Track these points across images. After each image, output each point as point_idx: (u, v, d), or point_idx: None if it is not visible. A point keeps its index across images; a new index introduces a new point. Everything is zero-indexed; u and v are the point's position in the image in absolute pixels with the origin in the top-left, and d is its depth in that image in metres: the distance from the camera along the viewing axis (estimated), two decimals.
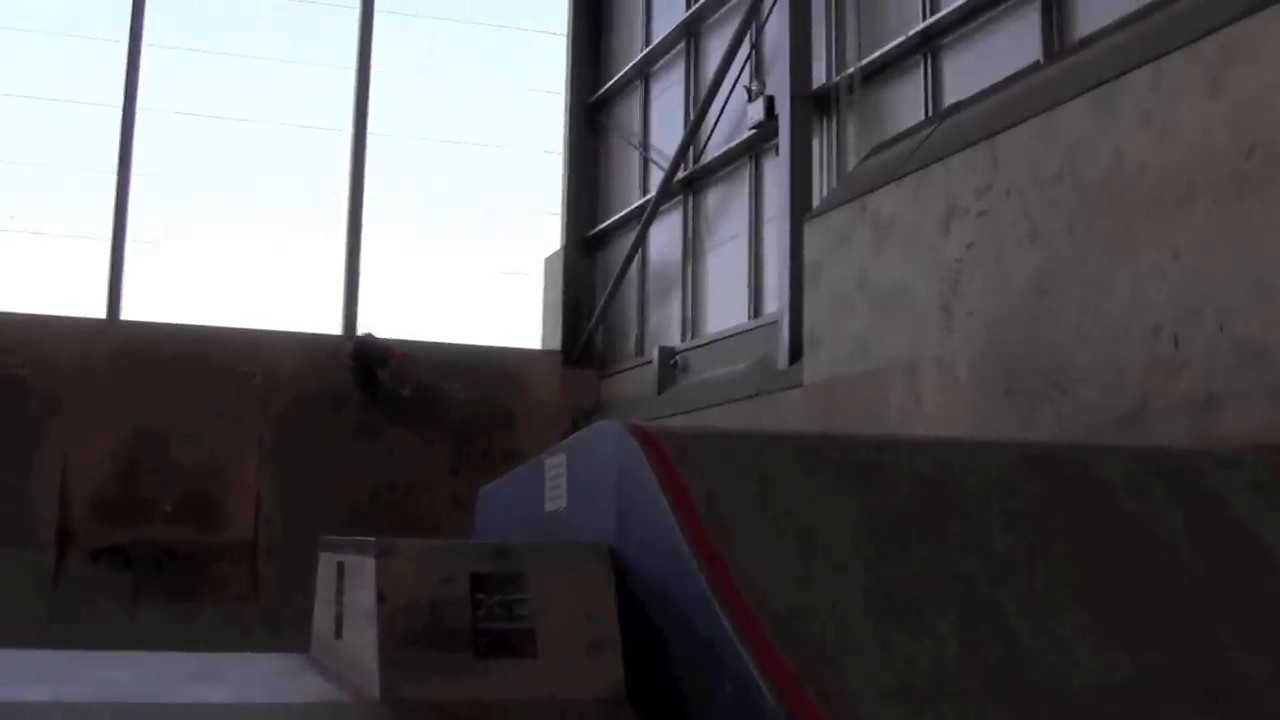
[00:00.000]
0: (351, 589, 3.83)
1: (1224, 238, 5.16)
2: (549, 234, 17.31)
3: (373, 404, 15.08)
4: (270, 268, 16.04)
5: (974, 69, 9.45)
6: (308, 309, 15.95)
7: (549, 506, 4.36)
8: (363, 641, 3.56)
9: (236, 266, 15.96)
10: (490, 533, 5.26)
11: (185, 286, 15.74)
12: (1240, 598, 3.70)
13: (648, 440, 3.72)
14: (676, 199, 14.72)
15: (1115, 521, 3.91)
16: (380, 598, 3.47)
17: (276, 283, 16.06)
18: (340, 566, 4.02)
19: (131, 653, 4.50)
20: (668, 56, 15.33)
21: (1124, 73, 5.76)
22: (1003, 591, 3.50)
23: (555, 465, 4.34)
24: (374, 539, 3.61)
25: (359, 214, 16.13)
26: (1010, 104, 6.90)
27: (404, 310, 16.23)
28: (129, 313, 15.20)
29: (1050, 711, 3.10)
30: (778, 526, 3.55)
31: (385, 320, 15.83)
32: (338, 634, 3.94)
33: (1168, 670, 3.33)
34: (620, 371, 15.84)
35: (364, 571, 3.63)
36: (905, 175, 7.44)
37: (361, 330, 15.71)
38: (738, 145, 13.31)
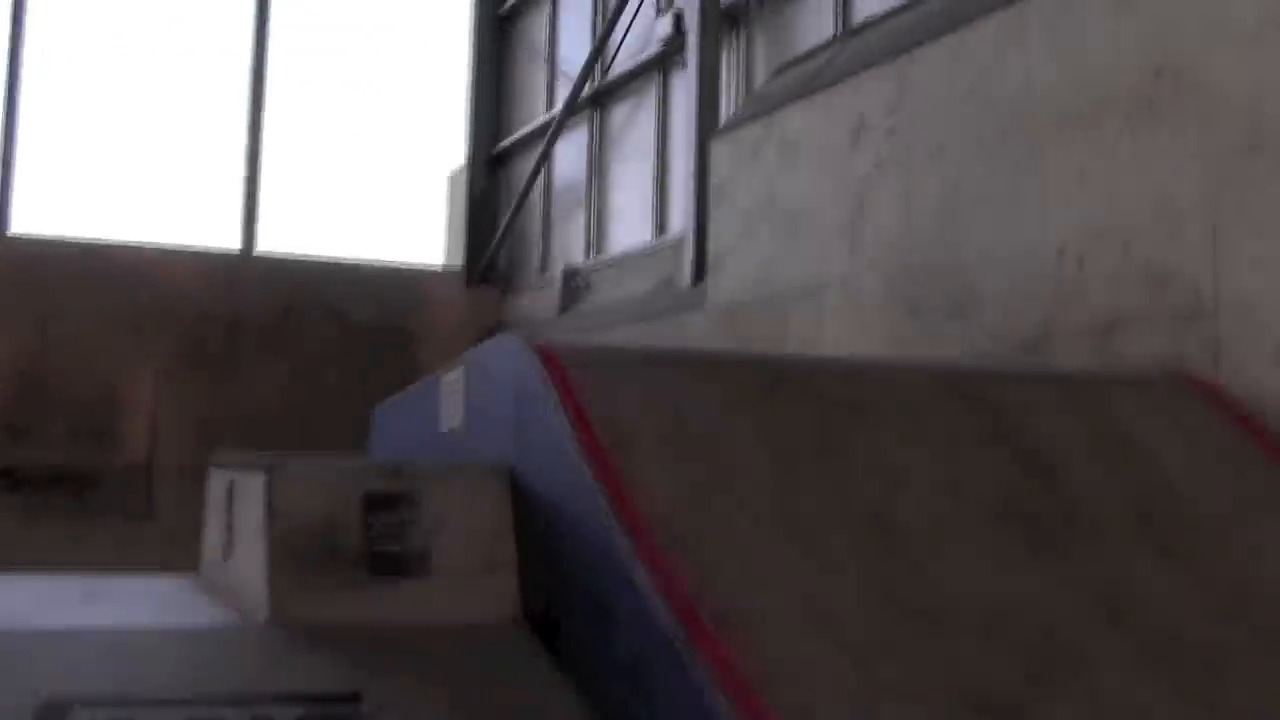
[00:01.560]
0: (241, 508, 3.74)
1: (1131, 159, 5.14)
2: (454, 150, 17.09)
3: None
4: (167, 182, 15.72)
5: None
6: (206, 224, 15.67)
7: (445, 425, 4.28)
8: (252, 562, 3.47)
9: (131, 181, 15.61)
10: (386, 452, 5.17)
11: (77, 200, 15.39)
12: (1141, 519, 3.71)
13: (546, 356, 3.64)
14: (583, 115, 14.57)
15: (1020, 443, 3.90)
16: (270, 516, 3.39)
17: (174, 197, 15.75)
18: (231, 485, 3.91)
19: (15, 575, 4.36)
20: None
21: None
22: (907, 513, 3.47)
23: (451, 383, 4.25)
24: (265, 456, 3.51)
25: (258, 129, 15.80)
26: (920, 23, 6.82)
27: (304, 227, 16.00)
28: (17, 227, 14.81)
29: (951, 629, 3.07)
30: (679, 446, 3.50)
31: (285, 237, 15.59)
32: (227, 554, 3.84)
33: (1070, 590, 3.32)
34: (524, 291, 15.73)
35: (254, 490, 3.53)
36: (814, 93, 7.36)
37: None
38: (646, 60, 13.18)
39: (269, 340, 14.77)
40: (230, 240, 15.53)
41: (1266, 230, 4.61)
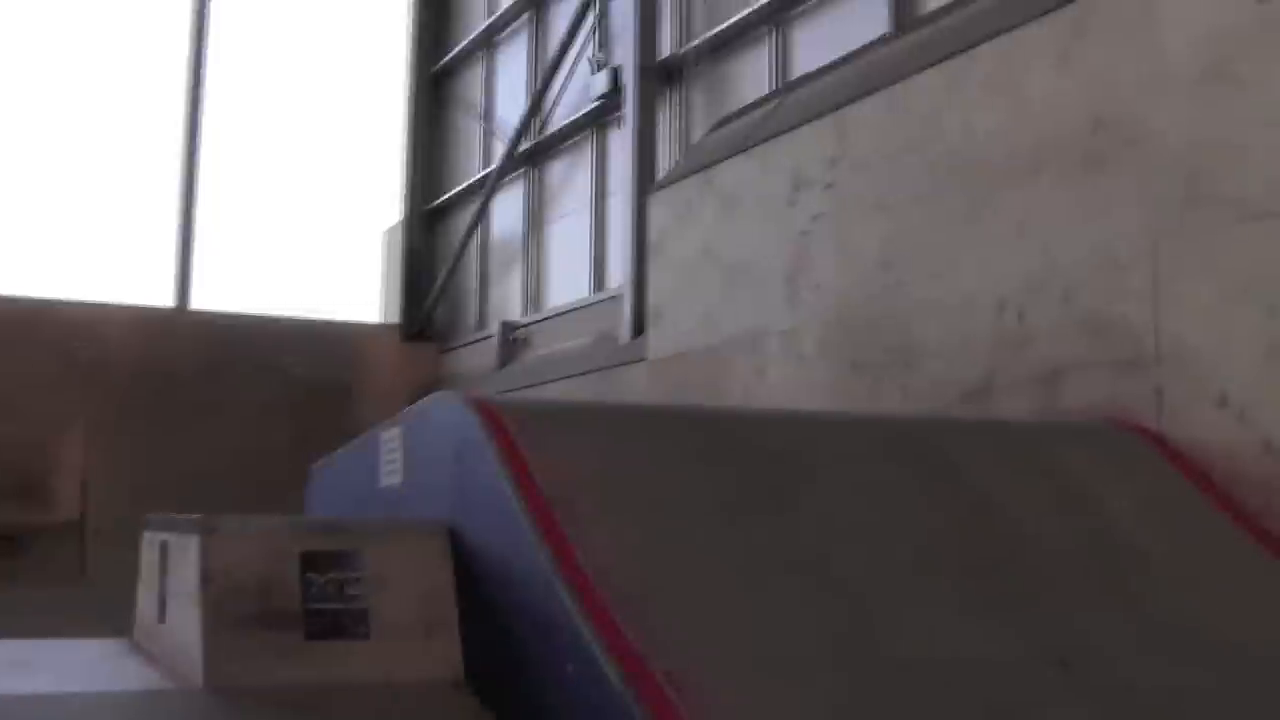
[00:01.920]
0: (175, 569, 3.65)
1: (1070, 211, 5.16)
2: (389, 206, 17.03)
3: None
4: (102, 238, 15.58)
5: (823, 42, 9.44)
6: (140, 281, 15.52)
7: (384, 482, 4.21)
8: (186, 625, 3.38)
9: (66, 236, 15.46)
10: (324, 510, 5.08)
11: (9, 256, 15.22)
12: (1090, 569, 3.70)
13: (486, 412, 3.59)
14: (519, 172, 14.58)
15: (966, 494, 3.87)
16: (204, 578, 3.30)
17: (107, 254, 15.60)
18: (164, 546, 3.82)
19: None
20: (512, 26, 15.18)
21: (974, 45, 5.73)
22: (855, 566, 3.43)
23: (391, 439, 4.18)
24: (198, 517, 3.43)
25: (193, 185, 15.68)
26: (859, 76, 6.85)
27: (241, 283, 15.88)
28: None
29: (903, 683, 3.03)
30: (621, 500, 3.45)
31: (220, 293, 15.46)
32: (161, 617, 3.75)
33: (1020, 642, 3.29)
34: (461, 346, 15.66)
35: (188, 551, 3.45)
36: (752, 147, 7.37)
37: None
38: (582, 117, 13.21)
39: (205, 396, 14.60)
40: (164, 297, 15.39)
41: (1205, 280, 4.63)
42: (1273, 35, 4.48)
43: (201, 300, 15.36)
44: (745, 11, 10.49)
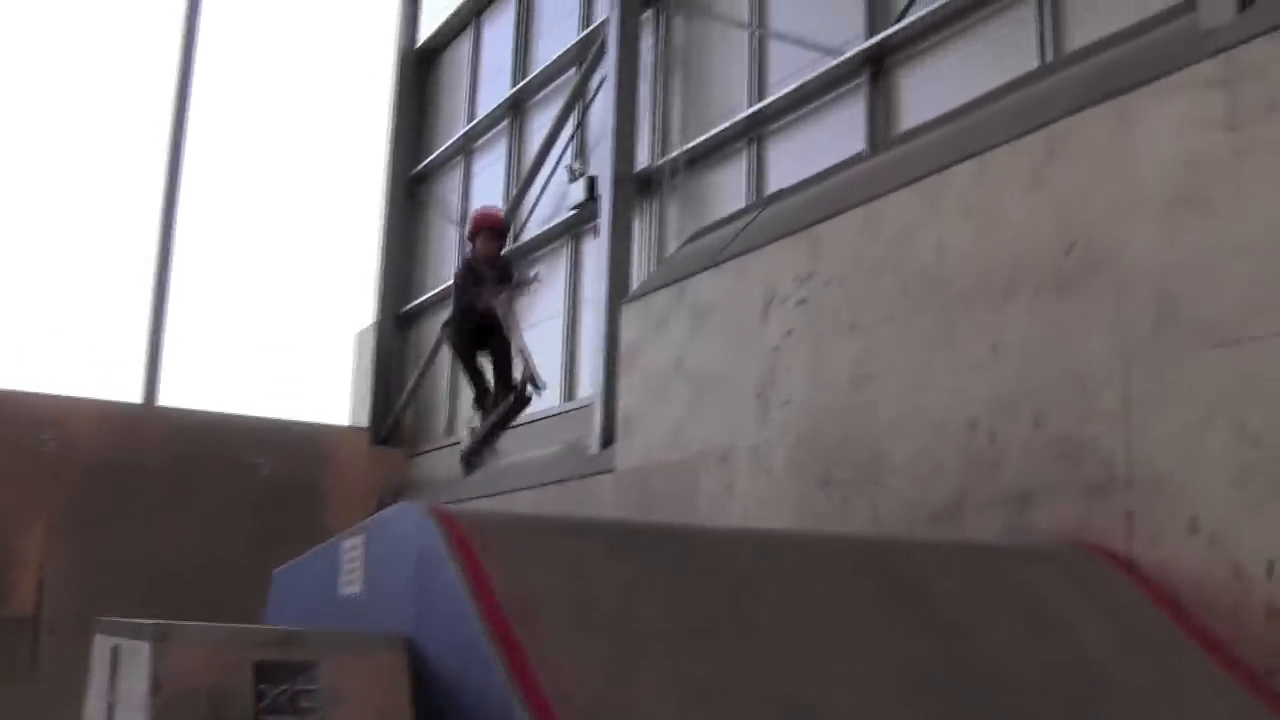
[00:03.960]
0: (125, 676, 3.55)
1: (1043, 333, 5.15)
2: (363, 308, 17.00)
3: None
4: (71, 331, 15.48)
5: (798, 157, 9.49)
6: (108, 375, 15.40)
7: (344, 591, 4.12)
8: None
9: (35, 327, 15.37)
10: (283, 617, 4.98)
11: None
12: (1060, 694, 3.64)
13: (449, 524, 3.53)
14: None
15: (936, 619, 3.82)
16: (155, 686, 3.21)
17: (77, 346, 15.50)
18: (116, 650, 3.72)
19: None
20: (491, 133, 15.25)
21: (948, 165, 5.76)
22: (820, 690, 3.36)
23: (352, 548, 4.11)
24: (150, 622, 3.34)
25: (165, 283, 15.63)
26: (834, 193, 6.88)
27: (210, 380, 15.77)
28: None
29: None
30: (585, 619, 3.38)
31: (189, 390, 15.35)
32: None
33: None
34: (429, 451, 15.56)
35: (139, 657, 3.35)
36: (726, 261, 7.37)
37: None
38: (557, 225, 13.23)
39: (170, 494, 14.43)
40: (133, 392, 15.28)
41: (1176, 404, 4.62)
42: (1244, 162, 4.51)
43: (170, 397, 15.26)
44: (723, 125, 10.56)
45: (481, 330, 7.85)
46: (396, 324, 16.69)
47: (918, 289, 5.82)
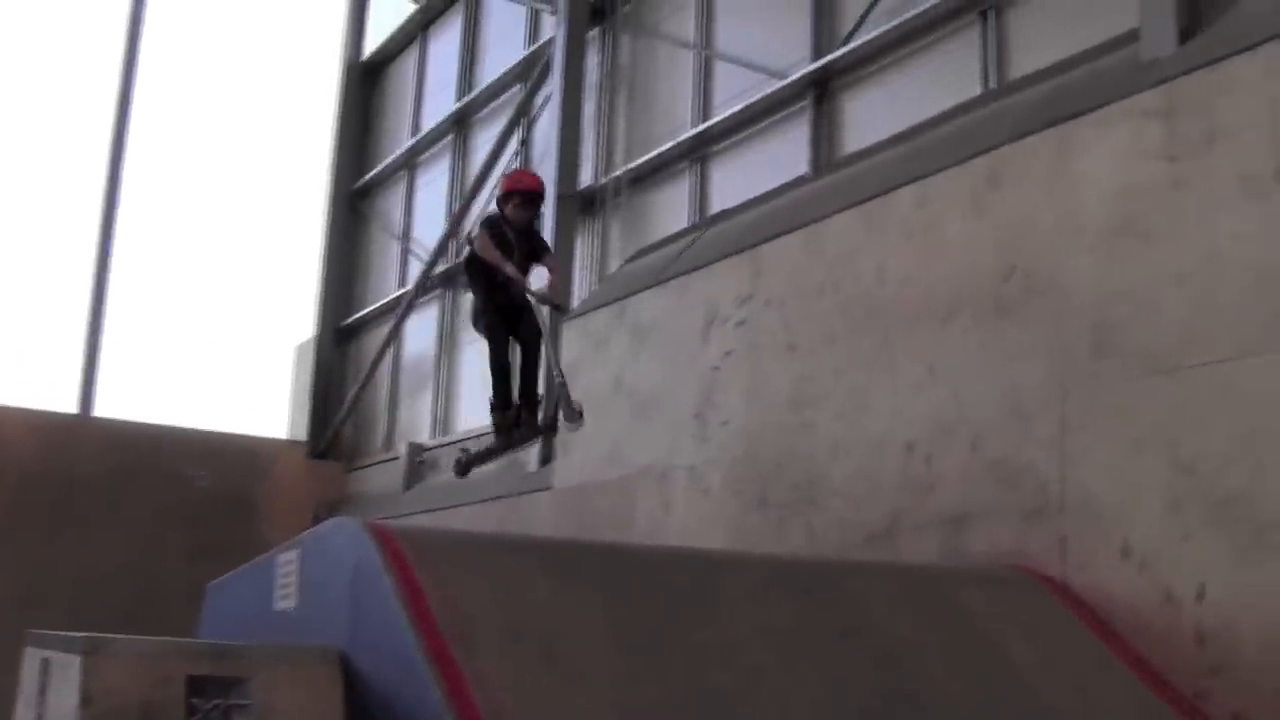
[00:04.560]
0: (55, 689, 3.51)
1: (981, 357, 5.19)
2: (302, 321, 16.90)
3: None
4: (5, 340, 15.32)
5: (742, 179, 9.50)
6: (43, 385, 15.25)
7: (279, 605, 4.10)
8: None
9: None
10: (217, 631, 4.94)
11: None
12: (988, 716, 3.66)
13: (385, 539, 3.51)
14: (435, 293, 14.51)
15: (869, 638, 3.83)
16: (85, 700, 3.18)
17: (11, 355, 15.33)
18: (46, 663, 3.68)
19: None
20: (435, 148, 15.18)
21: (891, 189, 5.79)
22: (753, 708, 3.37)
23: (287, 562, 4.08)
24: (81, 635, 3.31)
25: (102, 293, 15.45)
26: (776, 215, 6.91)
27: (147, 392, 15.64)
28: None
29: None
30: (521, 636, 3.37)
31: (126, 401, 15.20)
32: None
33: None
34: (367, 466, 15.47)
35: (69, 670, 3.32)
36: (667, 280, 7.39)
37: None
38: None
39: (103, 505, 14.23)
40: (68, 403, 15.11)
41: (1111, 431, 4.66)
42: (1182, 193, 4.56)
43: (106, 408, 15.09)
44: (667, 145, 10.55)
45: (511, 312, 6.57)
46: (336, 338, 16.58)
47: (858, 311, 5.85)
